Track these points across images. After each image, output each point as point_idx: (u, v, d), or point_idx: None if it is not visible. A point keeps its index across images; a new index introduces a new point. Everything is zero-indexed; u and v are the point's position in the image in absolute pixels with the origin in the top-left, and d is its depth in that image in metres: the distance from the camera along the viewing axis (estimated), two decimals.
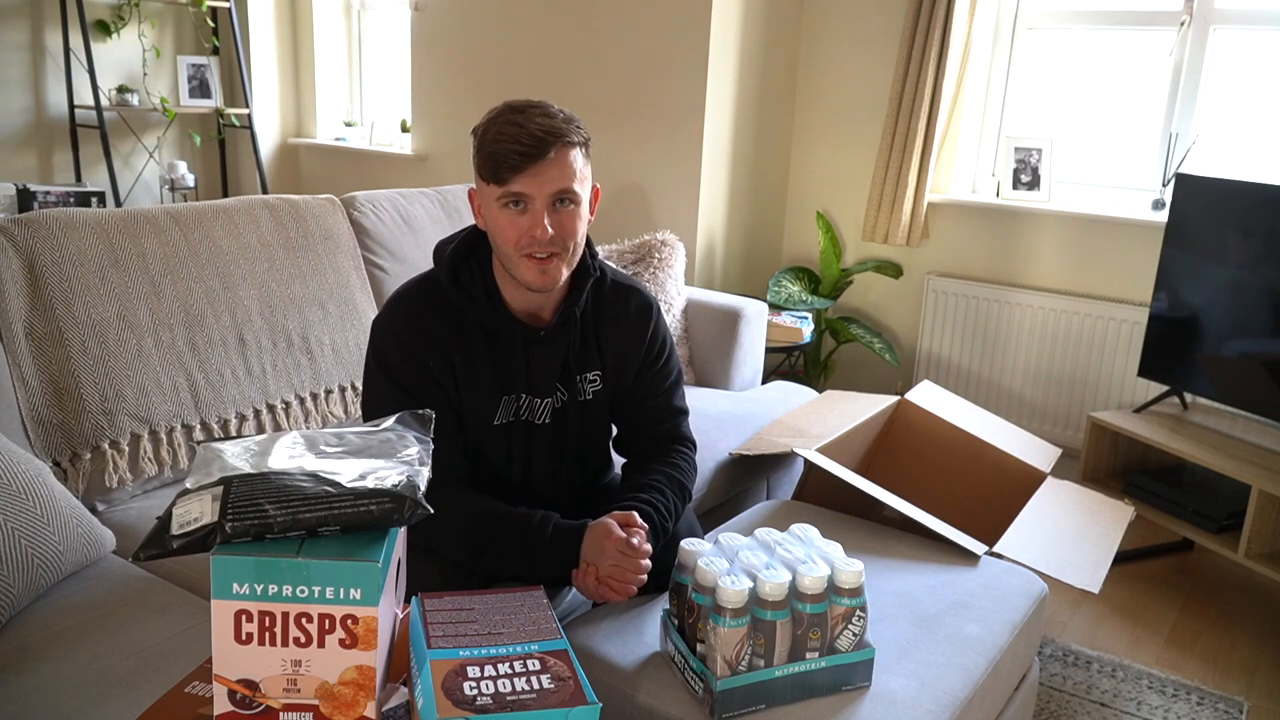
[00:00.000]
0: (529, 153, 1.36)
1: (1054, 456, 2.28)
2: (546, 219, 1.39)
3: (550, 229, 1.39)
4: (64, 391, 1.74)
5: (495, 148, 1.37)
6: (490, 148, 1.38)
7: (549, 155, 1.37)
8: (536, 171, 1.37)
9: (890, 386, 3.73)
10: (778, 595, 1.26)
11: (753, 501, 2.40)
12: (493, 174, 1.38)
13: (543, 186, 1.38)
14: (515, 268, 1.43)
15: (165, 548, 0.90)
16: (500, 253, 1.45)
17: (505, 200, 1.39)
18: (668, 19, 3.43)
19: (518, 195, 1.38)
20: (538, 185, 1.38)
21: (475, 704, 0.89)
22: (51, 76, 4.27)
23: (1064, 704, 2.09)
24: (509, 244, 1.41)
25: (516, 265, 1.43)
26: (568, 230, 1.42)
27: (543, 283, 1.43)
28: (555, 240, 1.40)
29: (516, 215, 1.40)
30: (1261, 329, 2.58)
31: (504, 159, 1.37)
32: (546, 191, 1.38)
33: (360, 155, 4.68)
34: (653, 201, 3.60)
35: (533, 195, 1.38)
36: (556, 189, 1.39)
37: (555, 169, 1.38)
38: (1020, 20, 3.49)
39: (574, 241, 1.44)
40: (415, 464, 1.01)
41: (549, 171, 1.38)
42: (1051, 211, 3.36)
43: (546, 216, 1.39)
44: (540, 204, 1.39)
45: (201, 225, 2.00)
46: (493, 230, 1.44)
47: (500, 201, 1.40)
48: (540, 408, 1.54)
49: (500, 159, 1.37)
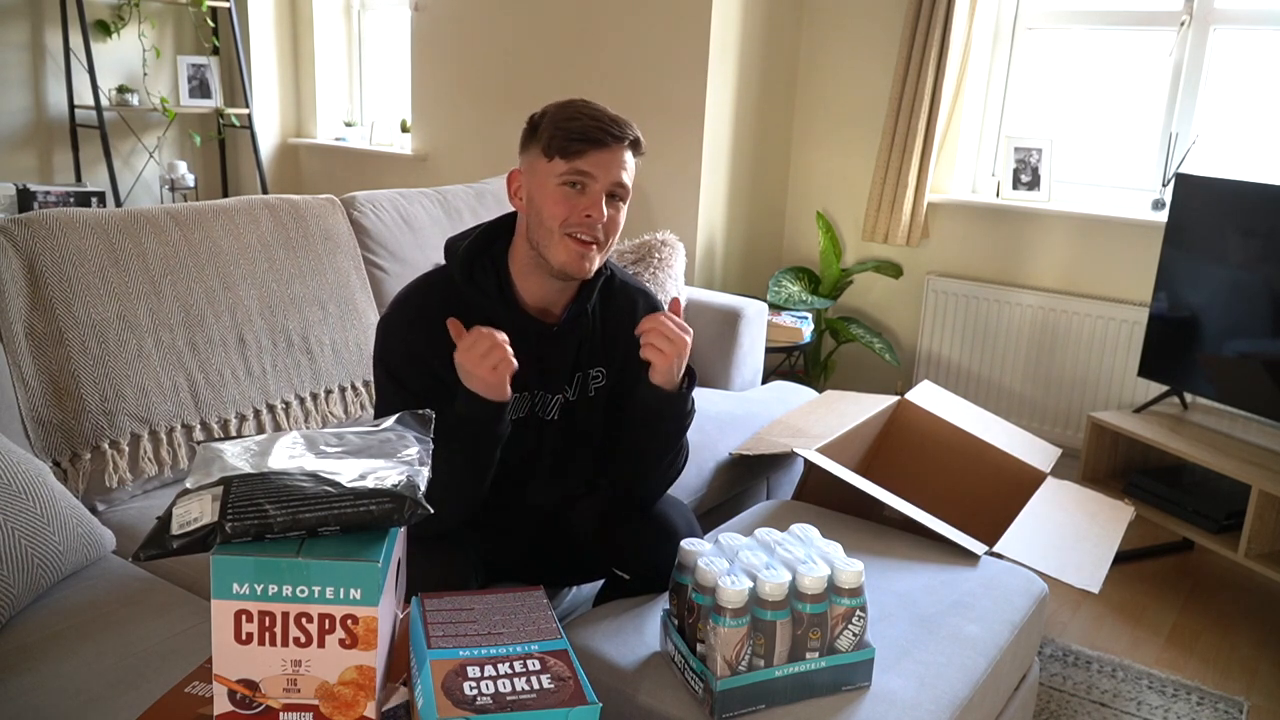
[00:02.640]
0: (606, 129, 1.40)
1: (1054, 456, 2.28)
2: (604, 204, 1.41)
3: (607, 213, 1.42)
4: (64, 391, 1.74)
5: (572, 125, 1.39)
6: (566, 125, 1.40)
7: (624, 143, 1.42)
8: (608, 154, 1.40)
9: (890, 386, 3.73)
10: (778, 595, 1.26)
11: (753, 501, 2.40)
12: (563, 149, 1.39)
13: (609, 171, 1.41)
14: (553, 248, 1.43)
15: (165, 548, 0.90)
16: (541, 230, 1.44)
17: (568, 177, 1.40)
18: (668, 19, 3.43)
19: (583, 174, 1.40)
20: (605, 168, 1.40)
21: (475, 704, 0.89)
22: (51, 76, 4.27)
23: (1064, 704, 2.09)
24: (556, 219, 1.41)
25: (556, 245, 1.42)
26: (612, 225, 1.44)
27: (579, 267, 1.44)
28: (602, 228, 1.43)
29: (574, 194, 1.41)
30: (1261, 329, 2.58)
31: (580, 132, 1.39)
32: (610, 177, 1.41)
33: (360, 155, 4.67)
34: (653, 201, 3.60)
35: (597, 177, 1.40)
36: (617, 178, 1.42)
37: (622, 160, 1.42)
38: (1020, 20, 3.49)
39: (614, 238, 1.47)
40: (415, 464, 1.01)
41: (618, 158, 1.42)
42: (1051, 211, 3.36)
43: (604, 202, 1.41)
44: (599, 188, 1.41)
45: (201, 225, 2.00)
46: (540, 207, 1.43)
47: (561, 178, 1.41)
48: (551, 403, 1.55)
49: (577, 134, 1.39)
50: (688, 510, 1.68)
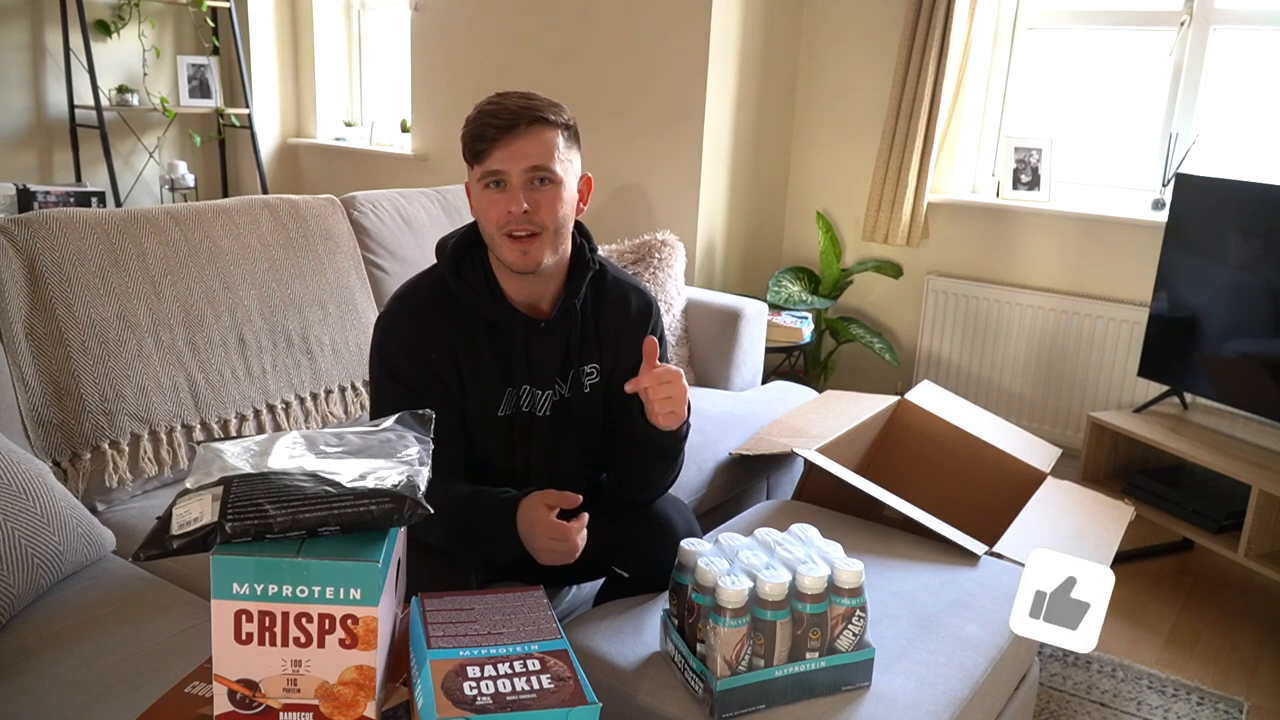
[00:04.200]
0: (504, 125, 1.39)
1: (1054, 456, 2.28)
2: (523, 196, 1.41)
3: (525, 205, 1.40)
4: (64, 391, 1.74)
5: (473, 126, 1.42)
6: (469, 127, 1.43)
7: (521, 129, 1.39)
8: (510, 145, 1.39)
9: (890, 386, 3.73)
10: (778, 595, 1.26)
11: (753, 501, 2.40)
12: (471, 152, 1.42)
13: (517, 161, 1.40)
14: (499, 249, 1.45)
15: (165, 548, 0.90)
16: (487, 237, 1.47)
17: (485, 180, 1.42)
18: (668, 19, 3.43)
19: (495, 173, 1.41)
20: (512, 159, 1.40)
21: (475, 704, 0.89)
22: (51, 76, 4.27)
23: (1064, 704, 2.09)
24: (492, 225, 1.43)
25: (500, 246, 1.44)
26: (546, 210, 1.42)
27: (524, 264, 1.44)
28: (532, 219, 1.41)
29: (496, 194, 1.42)
30: (1261, 329, 2.58)
31: (480, 133, 1.40)
32: (521, 166, 1.40)
33: (360, 155, 4.67)
34: (653, 201, 3.60)
35: (508, 170, 1.40)
36: (531, 164, 1.40)
37: (531, 145, 1.40)
38: (1020, 20, 3.48)
39: (555, 223, 1.44)
40: (415, 464, 1.01)
41: (524, 147, 1.40)
42: (1051, 211, 3.36)
43: (523, 194, 1.41)
44: (516, 180, 1.41)
45: (201, 225, 2.00)
46: (479, 214, 1.47)
47: (481, 183, 1.43)
48: (541, 399, 1.55)
49: (477, 135, 1.41)
50: (688, 510, 1.68)
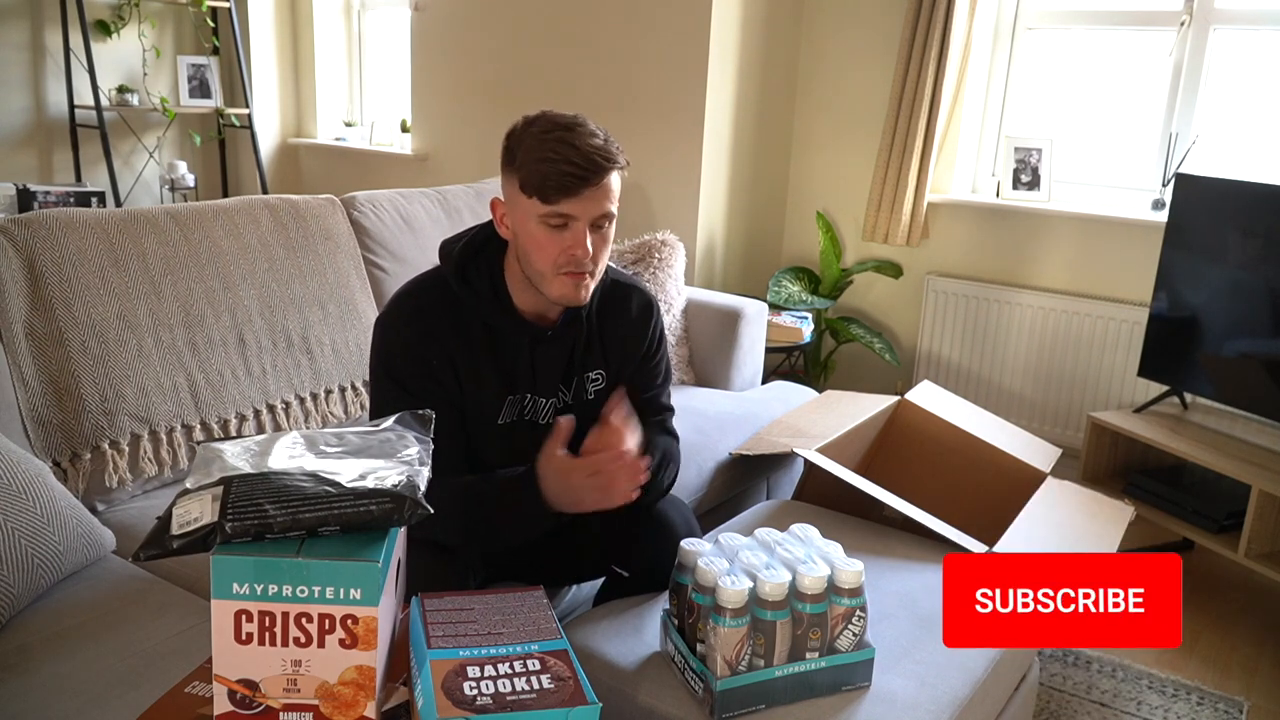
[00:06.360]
0: (583, 176, 1.36)
1: (1054, 456, 2.28)
2: (589, 239, 1.39)
3: (591, 249, 1.40)
4: (64, 391, 1.74)
5: (546, 167, 1.36)
6: (540, 166, 1.36)
7: (601, 181, 1.38)
8: (587, 195, 1.37)
9: (890, 386, 3.72)
10: (778, 595, 1.26)
11: (753, 501, 2.40)
12: (539, 191, 1.37)
13: (589, 209, 1.38)
14: (548, 285, 1.43)
15: (165, 548, 0.90)
16: (533, 269, 1.43)
17: (549, 220, 1.39)
18: (668, 19, 3.43)
19: (564, 216, 1.38)
20: (584, 207, 1.38)
21: (475, 704, 0.89)
22: (51, 76, 4.27)
23: (1064, 704, 2.09)
24: (547, 262, 1.41)
25: (550, 282, 1.42)
26: (602, 251, 1.43)
27: (578, 299, 1.44)
28: (592, 259, 1.41)
29: (558, 234, 1.39)
30: (1261, 329, 2.58)
31: (556, 180, 1.35)
32: (592, 214, 1.39)
33: (360, 155, 4.67)
34: (653, 201, 3.60)
35: (579, 216, 1.38)
36: (601, 212, 1.40)
37: (603, 193, 1.39)
38: (1020, 20, 3.48)
39: (605, 256, 1.46)
40: (415, 464, 1.01)
41: (596, 194, 1.38)
42: (1051, 211, 3.36)
43: (589, 237, 1.39)
44: (583, 224, 1.39)
45: (201, 225, 2.00)
46: (527, 246, 1.42)
47: (542, 219, 1.39)
48: (544, 408, 1.54)
49: (551, 179, 1.36)
50: (687, 510, 1.68)
